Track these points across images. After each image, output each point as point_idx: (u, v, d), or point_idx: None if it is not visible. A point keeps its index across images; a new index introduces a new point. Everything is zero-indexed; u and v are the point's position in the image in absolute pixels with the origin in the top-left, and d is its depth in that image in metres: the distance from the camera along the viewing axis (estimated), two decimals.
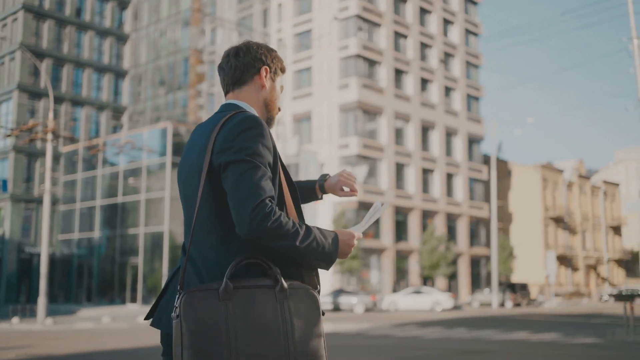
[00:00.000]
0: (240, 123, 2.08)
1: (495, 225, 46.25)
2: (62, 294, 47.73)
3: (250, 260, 2.02)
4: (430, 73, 54.10)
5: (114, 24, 53.07)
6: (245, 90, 2.31)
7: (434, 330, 19.70)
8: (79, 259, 46.38)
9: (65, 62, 49.31)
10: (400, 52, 51.79)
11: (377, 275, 48.20)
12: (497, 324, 23.41)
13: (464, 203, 55.28)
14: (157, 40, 51.43)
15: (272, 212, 1.98)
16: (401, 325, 22.34)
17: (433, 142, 53.60)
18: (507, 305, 44.27)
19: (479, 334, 17.88)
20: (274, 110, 2.38)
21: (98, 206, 44.60)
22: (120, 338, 17.53)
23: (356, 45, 47.53)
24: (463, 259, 54.64)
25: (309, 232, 2.06)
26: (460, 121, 56.24)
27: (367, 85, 47.95)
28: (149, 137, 41.60)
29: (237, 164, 2.02)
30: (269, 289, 2.00)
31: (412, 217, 50.29)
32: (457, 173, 55.29)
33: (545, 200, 63.21)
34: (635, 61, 20.94)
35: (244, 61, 2.31)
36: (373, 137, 48.59)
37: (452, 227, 54.61)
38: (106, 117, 51.63)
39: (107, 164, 45.03)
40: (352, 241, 2.19)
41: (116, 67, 52.65)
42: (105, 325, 24.19)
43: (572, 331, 19.00)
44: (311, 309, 2.05)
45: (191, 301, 1.92)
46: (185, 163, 2.23)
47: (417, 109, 52.01)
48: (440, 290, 39.90)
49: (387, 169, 48.42)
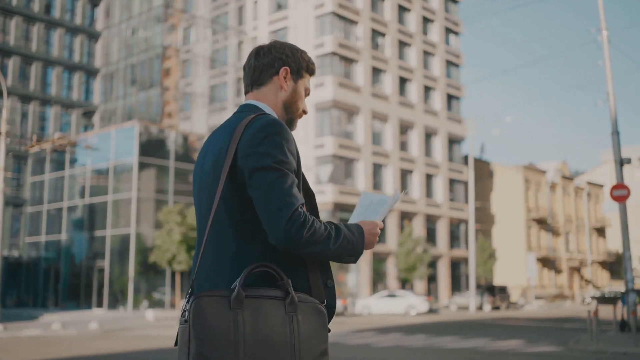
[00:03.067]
0: (264, 127, 2.03)
1: (473, 226, 45.29)
2: (30, 299, 46.40)
3: (262, 269, 1.99)
4: (409, 72, 53.11)
5: (85, 22, 51.80)
6: (264, 92, 2.26)
7: (393, 337, 18.64)
8: (46, 262, 45.09)
9: (33, 60, 48.01)
10: (378, 51, 50.78)
11: (355, 278, 47.14)
12: (462, 329, 22.37)
13: (444, 204, 54.31)
14: (129, 37, 50.21)
15: (306, 220, 1.98)
16: (360, 331, 21.25)
17: (412, 143, 52.60)
18: (486, 309, 43.28)
19: (435, 341, 16.83)
20: (296, 113, 2.32)
21: (65, 208, 43.35)
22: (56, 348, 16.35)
23: (332, 43, 46.49)
24: (443, 262, 53.65)
25: (339, 232, 2.05)
26: (440, 121, 55.28)
27: (343, 84, 46.91)
28: (116, 136, 40.40)
29: (265, 171, 1.98)
30: (280, 301, 1.97)
31: (390, 219, 49.22)
32: (437, 174, 54.31)
33: (527, 202, 62.36)
34: (604, 53, 19.96)
35: (264, 61, 2.27)
36: (349, 137, 47.54)
37: (432, 228, 53.61)
38: (77, 116, 50.34)
39: (75, 165, 43.79)
40: (376, 230, 2.18)
41: (87, 65, 51.40)
42: (53, 332, 22.97)
43: (536, 338, 17.99)
44: (319, 326, 2.02)
45: (202, 307, 1.89)
46: (201, 167, 2.17)
47: (396, 108, 51.00)
48: (416, 294, 38.85)
49: (364, 170, 47.38)
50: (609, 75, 19.64)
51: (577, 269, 70.21)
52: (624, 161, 19.17)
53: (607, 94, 19.55)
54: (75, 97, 50.43)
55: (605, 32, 19.89)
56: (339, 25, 47.85)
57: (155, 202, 39.20)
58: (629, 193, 18.57)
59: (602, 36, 20.10)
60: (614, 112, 19.34)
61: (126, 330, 23.20)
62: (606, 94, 19.59)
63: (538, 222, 63.77)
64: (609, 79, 19.56)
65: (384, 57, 50.80)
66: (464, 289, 52.50)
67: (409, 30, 53.70)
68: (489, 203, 62.98)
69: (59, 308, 42.24)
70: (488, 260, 51.69)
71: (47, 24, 49.19)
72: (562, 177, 69.69)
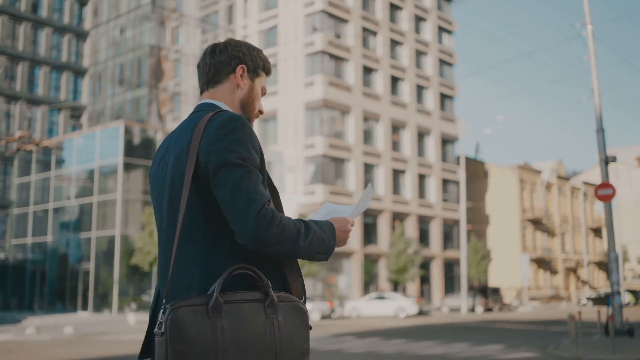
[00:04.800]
0: (225, 123, 1.98)
1: (464, 227, 44.64)
2: (15, 301, 45.78)
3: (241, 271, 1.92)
4: (401, 71, 52.48)
5: (73, 21, 51.17)
6: (221, 90, 2.21)
7: (369, 341, 18.01)
8: (33, 264, 44.47)
9: (20, 60, 47.39)
10: (369, 49, 50.16)
11: (346, 280, 46.51)
12: (445, 333, 21.74)
13: (437, 205, 53.67)
14: (117, 37, 49.60)
15: (275, 217, 1.93)
16: (339, 335, 20.60)
17: (404, 142, 51.96)
18: (478, 311, 42.65)
19: (412, 346, 16.20)
20: (253, 112, 2.26)
21: (51, 209, 42.74)
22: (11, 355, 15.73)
23: (322, 41, 45.87)
24: (436, 263, 53.02)
25: (309, 228, 2.01)
26: (433, 121, 54.65)
27: (334, 83, 46.29)
28: (102, 136, 39.78)
29: (229, 168, 1.93)
30: (259, 303, 1.92)
31: (381, 220, 48.62)
32: (430, 174, 53.69)
33: (522, 202, 61.72)
34: (589, 49, 19.34)
35: (220, 59, 2.22)
36: (340, 137, 46.91)
37: (425, 229, 52.98)
38: (64, 116, 49.72)
39: (63, 166, 43.20)
40: (347, 227, 2.15)
41: (75, 65, 50.78)
42: (26, 336, 22.35)
43: (518, 342, 17.36)
44: (300, 325, 1.97)
45: (179, 318, 1.82)
46: (160, 170, 2.11)
47: (387, 107, 50.38)
48: (406, 296, 38.20)
49: (355, 170, 46.75)
50: (593, 70, 18.99)
51: (573, 270, 69.56)
52: (610, 159, 18.55)
53: (592, 90, 18.92)
54: (62, 97, 49.81)
55: (590, 27, 19.26)
56: (329, 23, 47.23)
57: (142, 204, 38.56)
58: (615, 192, 17.94)
59: (586, 31, 19.47)
60: (598, 109, 18.71)
61: (102, 334, 22.57)
62: (591, 90, 18.97)
63: (533, 223, 63.13)
64: (594, 74, 18.90)
65: (375, 56, 50.18)
66: (458, 290, 51.85)
67: (401, 28, 53.08)
68: (484, 203, 62.33)
69: (45, 311, 41.62)
70: (481, 261, 50.99)
71: (34, 23, 48.58)
72: (558, 177, 69.03)
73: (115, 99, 49.39)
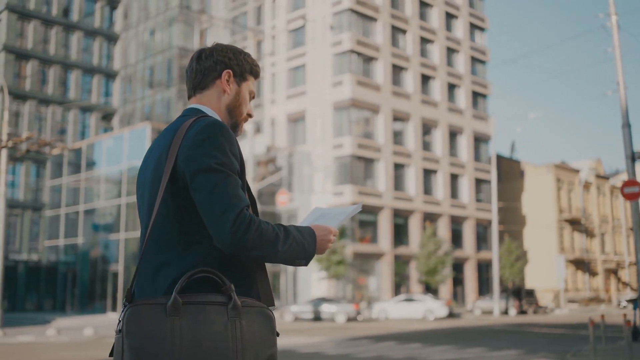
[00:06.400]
0: (205, 129, 1.98)
1: (496, 228, 43.61)
2: (49, 302, 46.35)
3: (202, 274, 1.91)
4: (432, 69, 51.65)
5: (104, 24, 51.63)
6: (207, 95, 2.21)
7: (383, 346, 17.47)
8: (65, 266, 44.96)
9: (52, 64, 47.96)
10: (398, 48, 49.46)
11: (376, 281, 45.90)
12: (467, 337, 21.05)
13: (470, 205, 52.67)
14: (146, 39, 49.88)
15: (253, 222, 1.92)
16: (355, 339, 20.09)
17: (435, 142, 51.12)
18: (511, 313, 41.61)
19: (424, 352, 15.62)
20: (240, 117, 2.25)
21: (82, 211, 43.14)
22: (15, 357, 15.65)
23: (350, 40, 45.36)
24: (469, 264, 52.02)
25: (288, 233, 2.01)
26: (466, 119, 53.66)
27: (362, 82, 45.73)
28: (130, 138, 39.98)
29: (207, 173, 1.93)
30: (221, 306, 1.90)
31: (412, 220, 47.89)
32: (462, 174, 52.71)
33: (559, 202, 60.21)
34: (614, 40, 18.48)
35: (206, 64, 2.21)
36: (369, 137, 46.34)
37: (458, 230, 52.03)
38: (95, 119, 50.17)
39: (92, 168, 43.57)
40: (329, 236, 2.13)
41: (106, 68, 51.22)
42: (46, 338, 22.39)
43: (538, 347, 16.63)
44: (265, 329, 1.96)
45: (136, 316, 1.82)
46: (144, 172, 2.12)
47: (418, 106, 49.61)
48: (435, 298, 37.39)
49: (384, 170, 46.10)
50: (618, 63, 18.13)
51: (613, 271, 67.63)
52: (636, 156, 17.69)
53: (617, 84, 18.07)
54: (94, 100, 50.27)
55: (615, 17, 18.40)
56: (357, 22, 46.70)
57: None
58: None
59: (611, 21, 18.61)
60: (624, 103, 17.85)
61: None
62: (616, 83, 18.12)
63: (571, 223, 61.55)
64: (619, 67, 18.05)
65: (405, 55, 49.47)
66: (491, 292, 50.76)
67: (431, 26, 52.26)
68: (520, 203, 61.01)
69: (76, 312, 41.99)
70: (516, 263, 49.77)
71: (65, 27, 49.13)
72: (597, 176, 67.22)
73: (145, 101, 49.67)
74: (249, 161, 31.01)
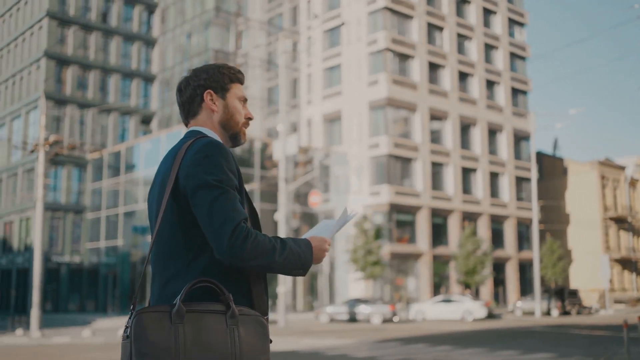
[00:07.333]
0: (202, 149, 2.10)
1: (536, 227, 42.68)
2: (92, 304, 47.12)
3: (203, 284, 2.04)
4: (470, 66, 50.88)
5: (142, 29, 52.27)
6: (201, 120, 2.32)
7: (413, 347, 17.15)
8: (106, 267, 45.65)
9: (91, 69, 48.76)
10: (435, 46, 48.85)
11: (415, 282, 45.42)
12: (503, 339, 20.55)
13: (510, 204, 51.73)
14: (183, 42, 50.33)
15: (250, 234, 2.03)
16: (385, 341, 19.79)
17: (474, 140, 50.34)
18: (553, 314, 40.66)
19: (454, 354, 15.25)
20: (237, 127, 2.36)
21: (121, 213, 43.72)
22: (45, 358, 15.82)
23: (385, 39, 44.98)
24: (511, 264, 51.09)
25: (284, 244, 2.11)
26: (505, 117, 52.73)
27: (398, 81, 45.30)
28: (166, 141, 40.35)
29: (206, 190, 2.05)
30: (221, 314, 2.03)
31: (451, 220, 47.25)
32: (502, 172, 51.80)
33: (604, 200, 58.68)
34: None
35: (187, 95, 2.33)
36: (406, 136, 45.87)
37: (498, 229, 51.15)
38: (135, 122, 50.82)
39: (131, 171, 44.14)
40: (325, 246, 2.25)
41: (145, 71, 51.84)
42: (81, 339, 22.69)
43: (573, 350, 16.09)
44: (259, 337, 2.08)
45: (143, 322, 1.94)
46: (152, 189, 2.26)
47: (455, 104, 48.92)
48: (473, 299, 36.69)
49: (422, 169, 45.59)
50: None
51: None
52: None
53: None
54: (133, 104, 50.93)
55: None
56: (393, 20, 46.30)
57: None
58: None
59: None
60: None
61: None
62: None
63: (617, 222, 59.94)
64: None
65: (441, 52, 48.85)
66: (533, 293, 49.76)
67: (469, 23, 51.50)
68: (564, 202, 59.67)
69: (117, 313, 42.58)
70: (558, 262, 48.65)
71: (104, 33, 49.87)
72: None
73: None
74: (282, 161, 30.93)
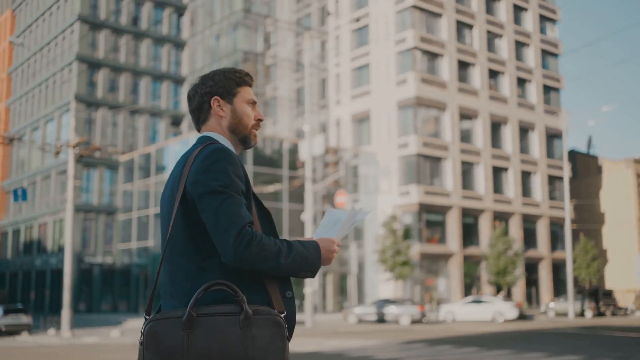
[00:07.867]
0: (209, 155, 2.15)
1: (569, 226, 41.91)
2: (124, 304, 47.66)
3: (216, 287, 2.05)
4: (501, 64, 50.26)
5: (172, 31, 52.73)
6: (210, 126, 2.37)
7: (438, 349, 16.92)
8: (138, 268, 46.12)
9: (122, 71, 49.34)
10: (464, 44, 48.36)
11: (445, 282, 45.00)
12: (532, 340, 20.19)
13: (543, 203, 50.95)
14: (212, 44, 50.62)
15: (254, 238, 2.07)
16: (411, 342, 19.57)
17: (505, 139, 49.70)
18: (587, 315, 39.89)
19: (478, 356, 15.00)
20: (245, 130, 2.38)
21: (152, 215, 44.11)
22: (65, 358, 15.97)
23: (413, 37, 44.67)
24: (544, 264, 50.31)
25: (291, 247, 2.15)
26: (537, 115, 51.96)
27: (427, 79, 44.94)
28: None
29: (212, 195, 2.10)
30: (234, 317, 2.02)
31: (482, 220, 46.71)
32: (534, 171, 51.06)
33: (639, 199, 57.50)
34: None
35: (195, 103, 2.38)
36: (435, 135, 45.49)
37: (531, 229, 50.42)
38: (165, 124, 51.28)
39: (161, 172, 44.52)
40: (333, 247, 2.27)
41: (175, 74, 52.29)
42: (109, 339, 22.92)
43: (601, 352, 15.71)
44: (276, 336, 2.06)
45: (155, 330, 1.98)
46: (164, 195, 2.31)
47: (486, 103, 48.36)
48: (504, 299, 36.16)
49: (452, 169, 45.17)
50: None
51: None
52: None
53: None
54: (163, 106, 51.39)
55: None
56: (421, 18, 45.95)
57: None
58: None
59: None
60: None
61: None
62: None
63: None
64: None
65: (471, 50, 48.35)
66: None
67: (499, 20, 50.88)
68: (598, 201, 58.62)
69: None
70: (592, 263, 47.75)
71: (134, 35, 50.44)
72: None
73: None
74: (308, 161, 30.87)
